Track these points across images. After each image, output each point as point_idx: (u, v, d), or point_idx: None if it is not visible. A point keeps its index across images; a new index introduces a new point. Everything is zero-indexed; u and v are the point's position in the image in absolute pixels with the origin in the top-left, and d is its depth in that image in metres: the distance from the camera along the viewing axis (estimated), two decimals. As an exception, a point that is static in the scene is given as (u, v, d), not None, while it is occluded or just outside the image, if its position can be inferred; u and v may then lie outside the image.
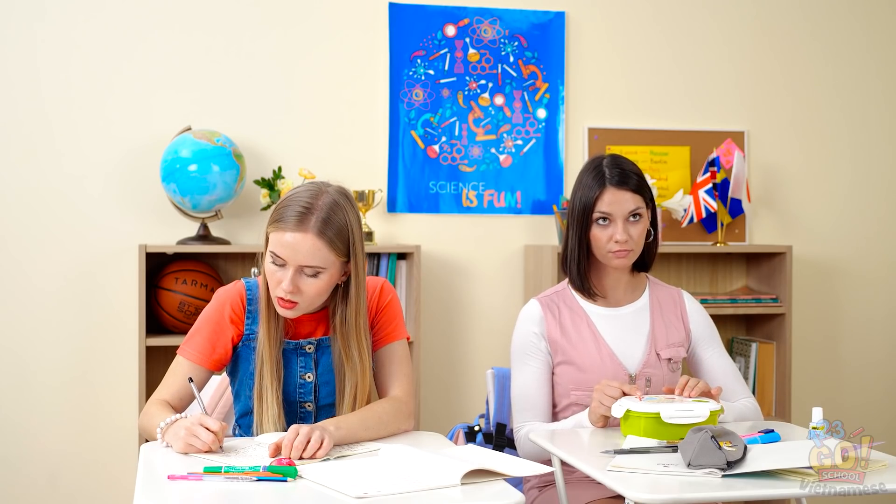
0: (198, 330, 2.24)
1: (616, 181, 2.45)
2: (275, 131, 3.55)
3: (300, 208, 2.09)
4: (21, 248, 3.39)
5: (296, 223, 2.08)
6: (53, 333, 3.41)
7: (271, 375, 2.16)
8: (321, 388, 2.24)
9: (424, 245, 3.62)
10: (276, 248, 2.08)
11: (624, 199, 2.44)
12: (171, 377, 2.23)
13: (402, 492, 1.71)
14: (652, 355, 2.48)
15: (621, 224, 2.44)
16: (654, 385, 2.46)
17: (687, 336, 2.55)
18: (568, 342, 2.48)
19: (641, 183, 2.48)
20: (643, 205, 2.47)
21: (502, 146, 3.73)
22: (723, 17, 3.91)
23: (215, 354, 2.22)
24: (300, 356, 2.23)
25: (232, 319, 2.22)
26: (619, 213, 2.44)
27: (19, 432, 3.40)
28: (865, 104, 4.04)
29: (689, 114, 3.89)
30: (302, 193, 2.12)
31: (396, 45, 3.64)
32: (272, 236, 2.10)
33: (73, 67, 3.42)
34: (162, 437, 2.04)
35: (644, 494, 1.77)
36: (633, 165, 2.51)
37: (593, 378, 2.44)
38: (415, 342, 3.41)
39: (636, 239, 2.45)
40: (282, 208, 2.11)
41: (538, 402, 2.48)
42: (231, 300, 2.23)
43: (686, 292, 2.62)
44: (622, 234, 2.43)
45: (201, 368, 2.22)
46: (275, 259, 2.09)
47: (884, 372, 4.07)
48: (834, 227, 4.01)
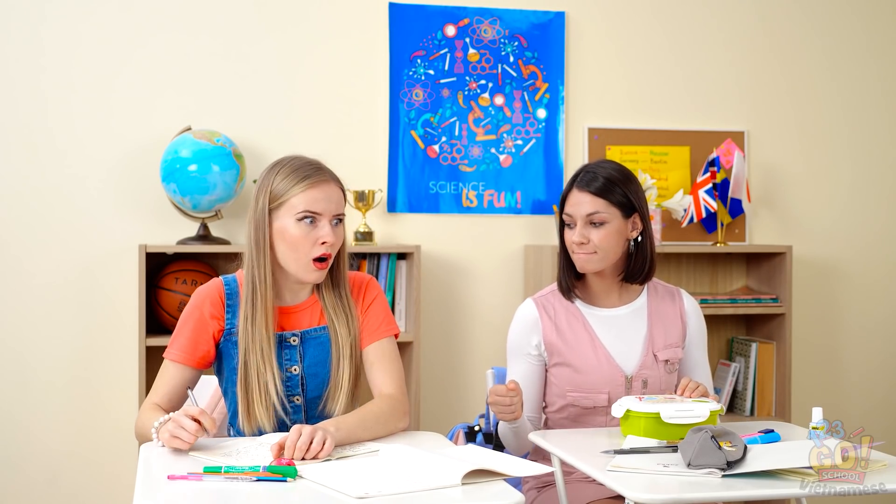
0: (179, 331, 2.25)
1: (581, 184, 2.47)
2: (275, 131, 3.55)
3: (312, 165, 2.20)
4: (21, 248, 3.39)
5: (320, 176, 2.17)
6: (53, 333, 3.41)
7: (267, 364, 2.16)
8: (308, 380, 2.23)
9: (424, 245, 3.62)
10: (312, 205, 2.15)
11: (583, 201, 2.45)
12: (159, 381, 2.24)
13: (402, 492, 1.71)
14: (649, 357, 2.48)
15: (579, 226, 2.45)
16: (650, 387, 2.46)
17: (683, 335, 2.55)
18: (564, 344, 2.48)
19: (610, 187, 2.44)
20: (605, 210, 2.43)
21: (502, 146, 3.73)
22: (723, 17, 3.91)
23: (199, 352, 2.22)
24: (285, 349, 2.22)
25: (212, 315, 2.22)
26: (578, 214, 2.45)
27: (19, 432, 3.40)
28: (866, 104, 4.04)
29: (689, 114, 3.89)
30: (297, 158, 2.21)
31: (396, 45, 3.64)
32: (298, 198, 2.15)
33: (73, 67, 3.42)
34: (157, 437, 2.05)
35: (644, 494, 1.77)
36: (612, 171, 2.47)
37: (590, 380, 2.45)
38: (415, 342, 3.41)
39: (598, 243, 2.43)
40: (291, 172, 2.17)
41: (528, 399, 2.49)
42: (210, 296, 2.24)
43: (685, 291, 2.62)
44: (577, 236, 2.44)
45: (188, 368, 2.23)
46: (311, 217, 2.15)
47: (884, 372, 4.07)
48: (834, 227, 4.01)
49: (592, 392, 2.45)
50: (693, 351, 2.57)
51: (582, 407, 2.46)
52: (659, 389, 2.47)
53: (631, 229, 2.48)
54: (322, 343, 2.24)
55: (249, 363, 2.17)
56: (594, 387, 2.45)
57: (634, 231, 2.48)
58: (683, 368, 2.57)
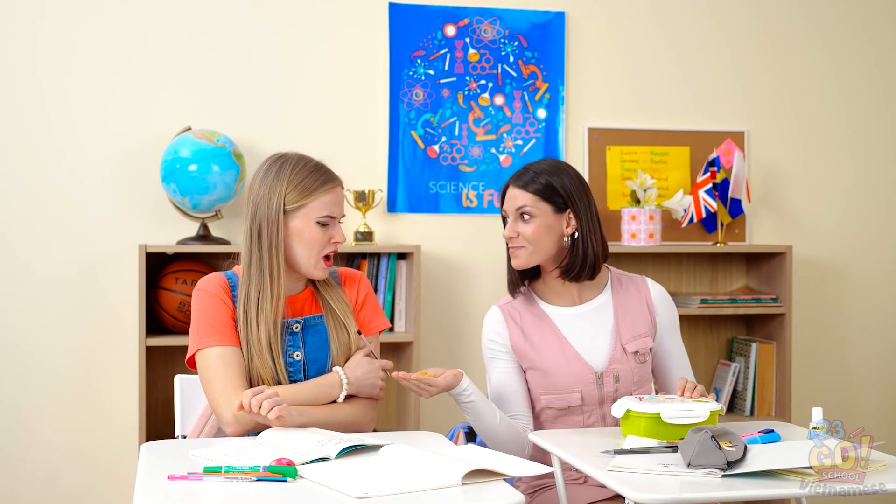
0: (204, 321, 2.25)
1: (513, 179, 2.50)
2: (275, 131, 3.55)
3: (323, 169, 2.30)
4: (21, 248, 3.39)
5: (333, 180, 2.30)
6: (53, 333, 3.41)
7: (272, 352, 2.23)
8: (310, 365, 2.29)
9: (424, 245, 3.62)
10: (330, 210, 2.28)
11: (513, 195, 2.48)
12: (220, 371, 2.20)
13: (402, 492, 1.71)
14: (618, 350, 2.47)
15: (510, 220, 2.48)
16: (622, 381, 2.45)
17: (653, 324, 2.52)
18: (532, 348, 2.48)
19: (539, 183, 2.44)
20: (533, 204, 2.43)
21: (502, 146, 3.73)
22: (723, 16, 3.91)
23: (234, 332, 2.25)
24: (289, 335, 2.28)
25: (224, 301, 2.27)
26: (510, 209, 2.48)
27: (19, 432, 3.40)
28: (866, 104, 4.04)
29: (689, 114, 3.89)
30: (303, 159, 2.30)
31: (396, 45, 3.64)
32: (318, 203, 2.26)
33: (73, 67, 3.42)
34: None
35: (644, 494, 1.77)
36: (545, 167, 2.48)
37: (561, 381, 2.44)
38: (415, 342, 3.42)
39: (528, 236, 2.44)
40: (307, 177, 2.27)
41: (512, 397, 2.48)
42: (220, 284, 2.30)
43: (650, 280, 2.59)
44: (507, 231, 2.48)
45: (235, 349, 2.23)
46: (326, 221, 2.27)
47: (884, 372, 4.07)
48: (834, 227, 4.01)
49: (564, 392, 2.44)
50: (666, 340, 2.54)
51: (557, 409, 2.46)
52: (632, 382, 2.46)
53: (566, 225, 2.46)
54: (319, 330, 2.32)
55: (253, 352, 2.23)
56: (566, 387, 2.44)
57: (569, 227, 2.46)
58: (658, 359, 2.55)
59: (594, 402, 2.45)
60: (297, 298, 2.34)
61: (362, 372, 2.28)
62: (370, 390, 2.30)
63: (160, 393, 3.40)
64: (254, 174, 2.35)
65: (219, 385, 2.19)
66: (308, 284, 2.37)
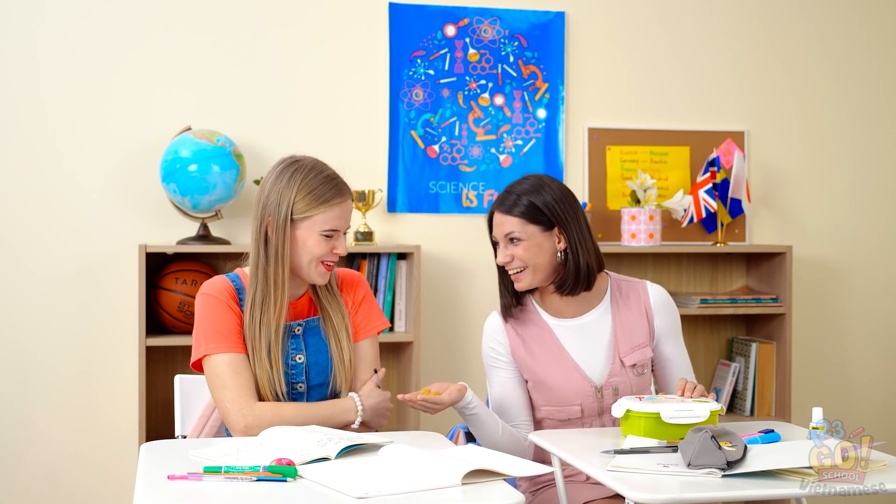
0: (211, 327, 2.26)
1: (497, 204, 2.46)
2: (275, 131, 3.56)
3: (334, 181, 2.28)
4: (21, 248, 3.39)
5: (342, 194, 2.29)
6: (53, 333, 3.41)
7: (275, 355, 2.25)
8: (311, 367, 2.31)
9: (424, 245, 3.62)
10: (334, 223, 2.27)
11: (500, 221, 2.45)
12: (232, 380, 2.21)
13: (402, 492, 1.71)
14: (616, 364, 2.45)
15: (502, 246, 2.45)
16: (621, 393, 2.43)
17: (651, 331, 2.49)
18: (533, 360, 2.47)
19: (522, 205, 2.41)
20: (521, 228, 2.40)
21: (502, 146, 3.73)
22: (723, 16, 3.91)
23: (240, 339, 2.26)
24: (291, 338, 2.31)
25: (231, 307, 2.28)
26: (498, 235, 2.46)
27: (20, 432, 3.40)
28: (866, 104, 4.04)
29: (689, 114, 3.89)
30: (316, 169, 2.28)
31: (396, 45, 3.64)
32: (324, 216, 2.26)
33: (72, 67, 3.42)
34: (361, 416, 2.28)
35: (644, 494, 1.77)
36: (527, 187, 2.43)
37: (561, 394, 2.44)
38: (415, 342, 3.42)
39: (522, 257, 2.41)
40: (316, 189, 2.25)
41: (514, 407, 2.48)
42: (227, 289, 2.30)
43: (651, 284, 2.55)
44: (500, 257, 2.45)
45: (243, 357, 2.25)
46: (331, 233, 2.27)
47: (884, 372, 4.07)
48: (834, 227, 4.01)
49: (565, 405, 2.44)
50: (665, 346, 2.51)
51: (557, 420, 2.46)
52: (630, 394, 2.43)
53: (557, 242, 2.43)
54: (318, 333, 2.34)
55: (257, 356, 2.24)
56: (566, 400, 2.44)
57: (561, 243, 2.43)
58: (658, 364, 2.53)
59: (594, 414, 2.45)
60: (299, 302, 2.36)
61: (375, 402, 2.31)
62: (379, 420, 2.33)
63: (160, 393, 3.40)
64: (267, 173, 2.33)
65: (231, 395, 2.21)
66: (309, 287, 2.38)
